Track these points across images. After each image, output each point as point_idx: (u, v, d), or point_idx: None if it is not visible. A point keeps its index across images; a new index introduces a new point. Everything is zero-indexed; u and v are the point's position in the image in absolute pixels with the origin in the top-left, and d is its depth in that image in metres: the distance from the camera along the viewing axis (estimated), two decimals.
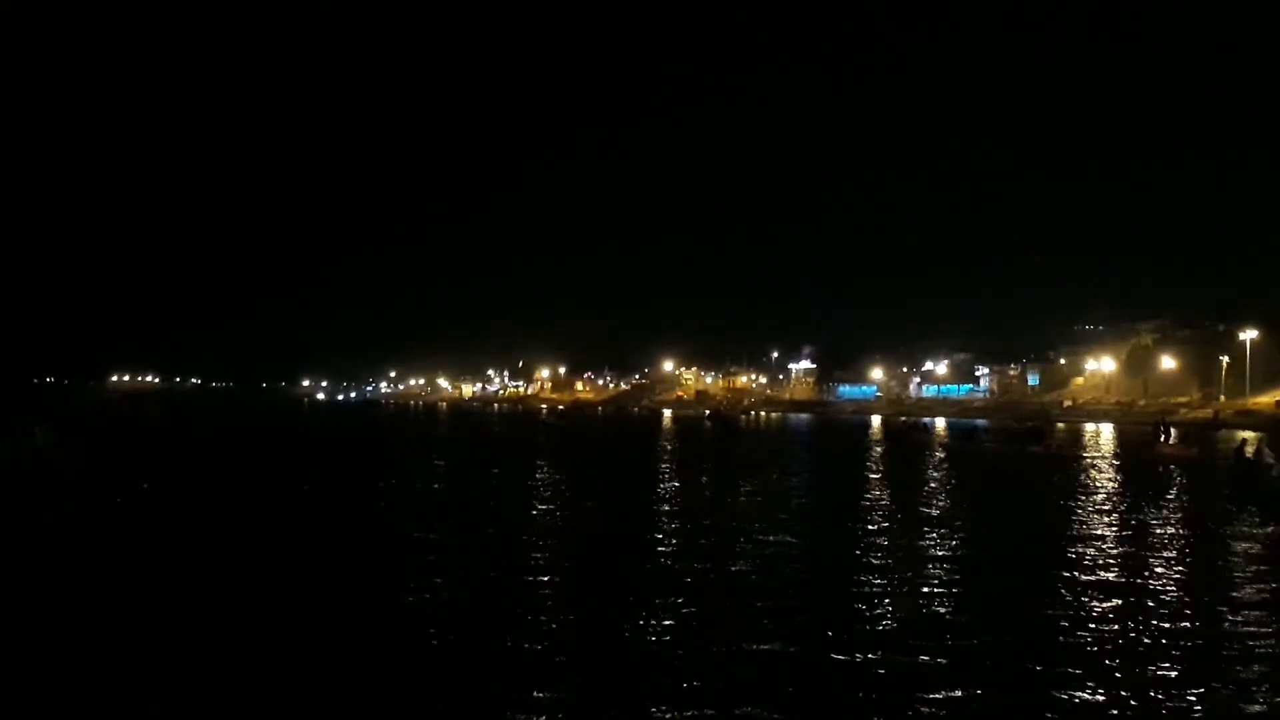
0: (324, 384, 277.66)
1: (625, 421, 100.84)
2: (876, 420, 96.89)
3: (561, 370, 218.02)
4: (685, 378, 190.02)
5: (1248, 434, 48.98)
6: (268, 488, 27.16)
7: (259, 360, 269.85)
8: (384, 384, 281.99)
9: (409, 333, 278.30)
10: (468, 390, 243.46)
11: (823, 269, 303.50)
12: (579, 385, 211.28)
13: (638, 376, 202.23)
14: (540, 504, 24.52)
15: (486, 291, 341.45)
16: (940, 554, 17.39)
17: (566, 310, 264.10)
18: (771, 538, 18.64)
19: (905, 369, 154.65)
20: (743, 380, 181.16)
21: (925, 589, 14.41)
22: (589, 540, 18.73)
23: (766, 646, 11.09)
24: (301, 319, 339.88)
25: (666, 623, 12.08)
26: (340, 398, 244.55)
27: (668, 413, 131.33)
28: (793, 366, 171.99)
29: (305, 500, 24.52)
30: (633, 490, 28.03)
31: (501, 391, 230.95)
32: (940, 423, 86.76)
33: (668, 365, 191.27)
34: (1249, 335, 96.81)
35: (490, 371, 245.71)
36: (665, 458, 43.24)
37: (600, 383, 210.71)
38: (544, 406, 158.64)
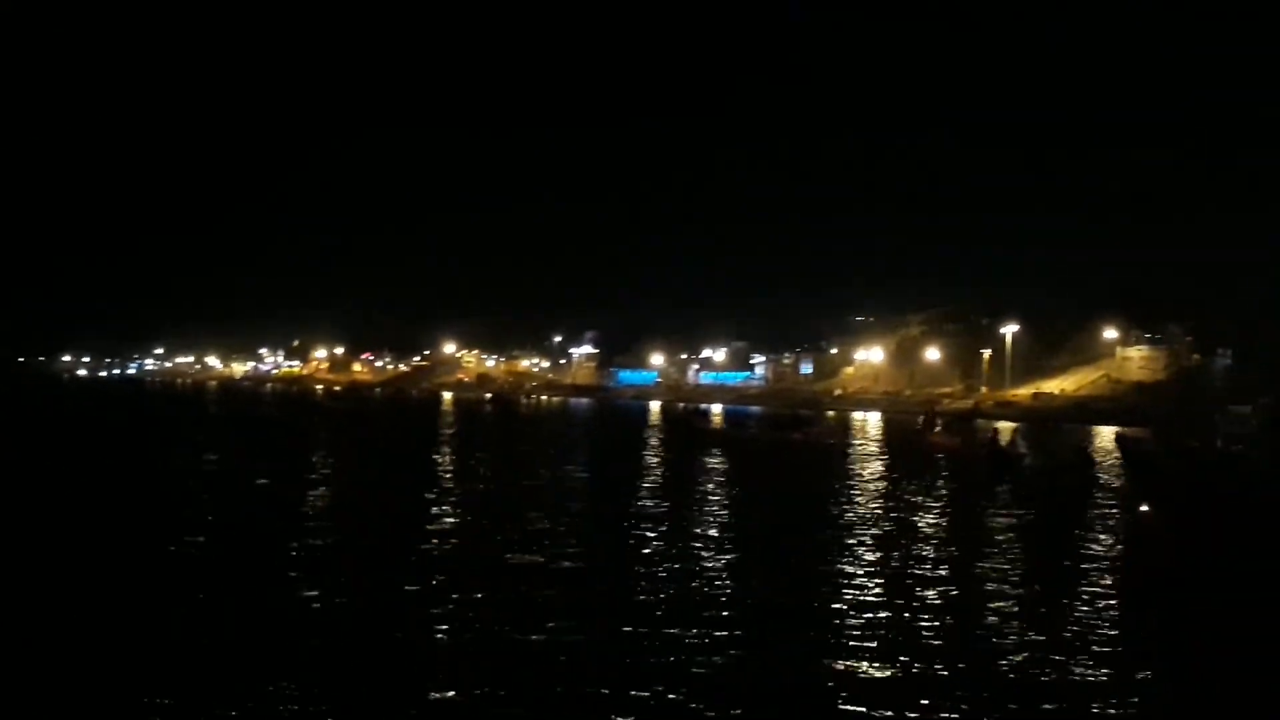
0: (86, 360, 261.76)
1: (404, 404, 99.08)
2: (656, 406, 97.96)
3: (339, 350, 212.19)
4: (467, 360, 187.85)
5: (1004, 424, 51.70)
6: None
7: (15, 334, 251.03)
8: (150, 361, 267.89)
9: (180, 310, 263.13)
10: (239, 369, 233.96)
11: (605, 253, 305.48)
12: (357, 366, 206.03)
13: (418, 358, 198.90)
14: (312, 491, 23.31)
15: (264, 269, 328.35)
16: (699, 528, 17.90)
17: (346, 290, 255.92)
18: (547, 522, 18.39)
19: (685, 355, 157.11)
20: (525, 364, 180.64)
21: (686, 559, 15.02)
22: (365, 525, 18.16)
23: (551, 625, 11.05)
24: (65, 292, 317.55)
25: (437, 610, 11.71)
26: (103, 374, 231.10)
27: (448, 395, 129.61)
28: (575, 351, 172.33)
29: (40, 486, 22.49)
30: (408, 476, 27.24)
31: (275, 371, 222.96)
32: (717, 409, 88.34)
33: (449, 347, 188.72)
34: (1010, 329, 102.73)
35: (264, 351, 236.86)
36: (443, 442, 42.26)
37: (379, 364, 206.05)
38: (320, 387, 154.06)
